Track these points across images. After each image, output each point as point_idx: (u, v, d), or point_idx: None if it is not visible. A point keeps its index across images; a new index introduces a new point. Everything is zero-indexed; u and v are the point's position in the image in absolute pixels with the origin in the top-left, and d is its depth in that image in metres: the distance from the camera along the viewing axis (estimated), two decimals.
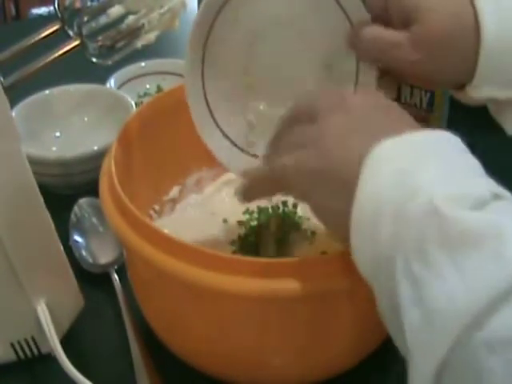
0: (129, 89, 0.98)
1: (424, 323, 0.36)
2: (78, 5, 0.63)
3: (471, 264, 0.35)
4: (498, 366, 0.32)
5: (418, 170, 0.40)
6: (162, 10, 0.65)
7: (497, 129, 0.97)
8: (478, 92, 0.54)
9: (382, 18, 0.54)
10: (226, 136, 0.62)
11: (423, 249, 0.37)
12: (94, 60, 0.64)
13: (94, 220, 0.77)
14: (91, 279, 0.72)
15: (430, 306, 0.35)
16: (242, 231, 0.70)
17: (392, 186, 0.40)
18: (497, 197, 0.38)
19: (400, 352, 0.39)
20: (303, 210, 0.70)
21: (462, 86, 0.55)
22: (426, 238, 0.37)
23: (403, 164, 0.40)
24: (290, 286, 0.49)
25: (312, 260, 0.51)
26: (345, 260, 0.49)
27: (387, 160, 0.41)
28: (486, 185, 0.39)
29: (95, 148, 0.80)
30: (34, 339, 0.63)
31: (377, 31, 0.53)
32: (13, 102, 0.74)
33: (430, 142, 0.43)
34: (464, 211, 0.36)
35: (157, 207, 0.73)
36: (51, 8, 0.68)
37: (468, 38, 0.51)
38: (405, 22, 0.52)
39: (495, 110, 0.60)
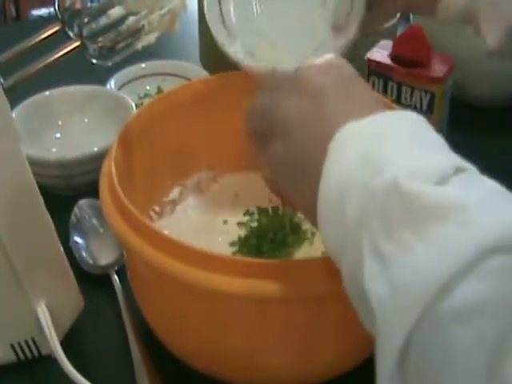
0: (129, 90, 0.98)
1: (391, 297, 0.36)
2: (78, 6, 0.63)
3: (436, 236, 0.35)
4: (464, 336, 0.32)
5: (381, 149, 0.40)
6: (162, 12, 0.65)
7: (497, 130, 0.98)
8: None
9: None
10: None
11: (388, 225, 0.37)
12: (95, 61, 0.64)
13: (94, 221, 0.77)
14: (91, 280, 0.72)
15: (397, 280, 0.35)
16: (242, 232, 0.70)
17: (356, 167, 0.40)
18: (459, 170, 0.38)
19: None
20: None
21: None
22: (391, 215, 0.37)
23: (367, 145, 0.41)
24: (289, 287, 0.49)
25: (312, 261, 0.51)
26: None
27: (351, 142, 0.42)
28: (449, 159, 0.39)
29: (95, 149, 0.80)
30: (34, 340, 0.63)
31: None
32: (13, 103, 0.74)
33: (393, 121, 0.43)
34: (427, 186, 0.37)
35: (157, 208, 0.73)
36: (51, 9, 0.68)
37: None
38: None
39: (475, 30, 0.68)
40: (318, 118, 0.45)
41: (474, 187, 0.37)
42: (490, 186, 0.38)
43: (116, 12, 0.64)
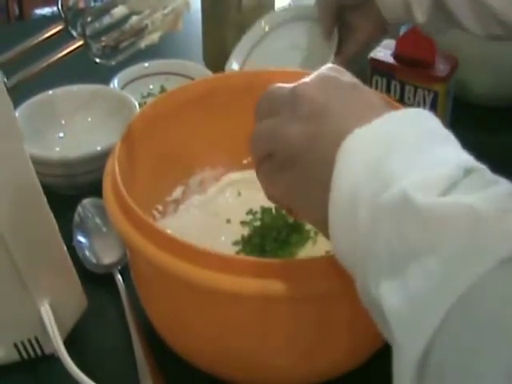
0: (132, 89, 0.98)
1: (407, 309, 0.35)
2: (81, 5, 0.63)
3: (450, 249, 0.35)
4: (483, 354, 0.32)
5: (388, 158, 0.40)
6: (165, 11, 0.65)
7: (498, 129, 0.98)
8: None
9: None
10: None
11: (401, 237, 0.37)
12: (98, 60, 0.64)
13: (98, 220, 0.77)
14: (95, 279, 0.72)
15: (412, 292, 0.35)
16: (246, 232, 0.70)
17: (365, 178, 0.40)
18: (468, 172, 0.38)
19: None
20: None
21: None
22: (403, 228, 0.37)
23: (373, 154, 0.40)
24: (293, 286, 0.49)
25: (315, 260, 0.51)
26: None
27: (357, 150, 0.41)
28: (459, 160, 0.39)
29: (99, 148, 0.80)
30: (37, 339, 0.63)
31: None
32: (16, 103, 0.74)
33: (398, 123, 0.42)
34: (435, 198, 0.36)
35: (160, 207, 0.73)
36: (54, 8, 0.68)
37: None
38: None
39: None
40: (323, 138, 0.44)
41: (484, 191, 0.37)
42: (501, 187, 0.37)
43: (119, 11, 0.64)
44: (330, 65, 0.50)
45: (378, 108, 0.45)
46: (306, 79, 0.48)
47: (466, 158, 0.40)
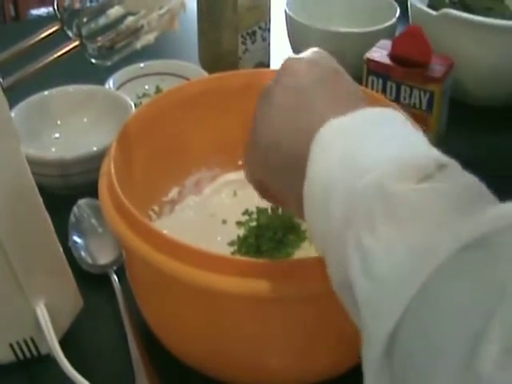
0: (128, 89, 0.98)
1: (374, 294, 0.36)
2: (77, 5, 0.63)
3: (417, 233, 0.36)
4: (443, 334, 0.33)
5: (364, 147, 0.41)
6: (161, 11, 0.65)
7: (496, 130, 0.98)
8: None
9: None
10: None
11: (372, 224, 0.37)
12: (94, 61, 0.64)
13: (93, 221, 0.77)
14: (90, 280, 0.72)
15: (380, 277, 0.36)
16: (241, 232, 0.70)
17: (340, 166, 0.41)
18: (442, 166, 0.39)
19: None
20: None
21: None
22: (375, 215, 0.37)
23: (349, 143, 0.42)
24: (289, 286, 0.49)
25: (311, 261, 0.51)
26: None
27: (334, 140, 0.42)
28: (431, 156, 0.40)
29: (94, 149, 0.80)
30: (32, 340, 0.63)
31: None
32: (12, 103, 0.74)
33: (375, 118, 0.44)
34: (408, 185, 0.37)
35: (156, 208, 0.73)
36: (50, 9, 0.68)
37: None
38: None
39: None
40: (301, 117, 0.46)
41: (457, 184, 0.38)
42: (472, 182, 0.39)
43: (115, 12, 0.64)
44: (316, 49, 0.51)
45: (354, 100, 0.47)
46: (296, 57, 0.50)
47: (438, 154, 0.41)
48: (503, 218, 0.35)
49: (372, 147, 0.41)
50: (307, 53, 0.50)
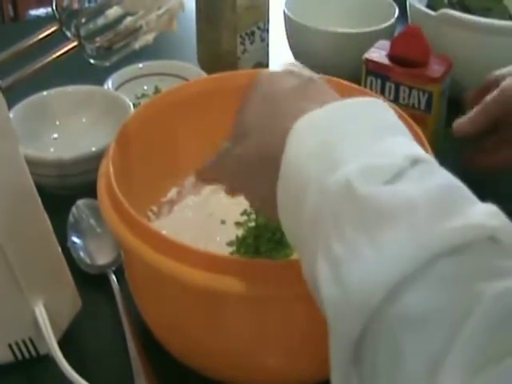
0: (126, 90, 0.98)
1: (341, 299, 0.36)
2: (75, 6, 0.63)
3: (386, 240, 0.35)
4: (408, 343, 0.32)
5: (337, 141, 0.40)
6: (159, 12, 0.65)
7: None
8: None
9: None
10: None
11: (340, 228, 0.37)
12: (92, 61, 0.64)
13: (92, 221, 0.77)
14: (89, 280, 0.72)
15: (346, 284, 0.35)
16: (240, 232, 0.70)
17: (313, 159, 0.40)
18: (415, 162, 0.38)
19: None
20: None
21: None
22: (343, 217, 0.37)
23: (324, 135, 0.41)
24: (288, 287, 0.49)
25: None
26: None
27: (306, 134, 0.42)
28: (405, 150, 0.39)
29: (93, 149, 0.80)
30: (31, 340, 0.63)
31: None
32: (11, 104, 0.74)
33: (351, 110, 0.43)
34: (377, 187, 0.37)
35: (155, 208, 0.73)
36: (49, 9, 0.68)
37: None
38: None
39: None
40: (276, 117, 0.46)
41: (427, 182, 0.37)
42: (444, 180, 0.38)
43: (114, 12, 0.64)
44: (292, 62, 0.53)
45: (331, 98, 0.46)
46: (271, 70, 0.52)
47: (413, 148, 0.40)
48: (473, 229, 0.34)
49: (345, 140, 0.40)
50: (283, 66, 0.51)
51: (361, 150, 0.39)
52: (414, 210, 0.35)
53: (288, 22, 1.06)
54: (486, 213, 0.35)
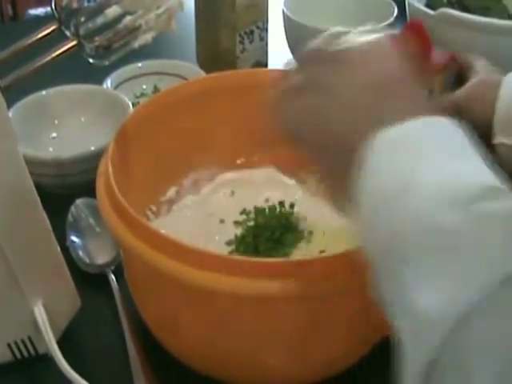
0: (126, 89, 0.98)
1: (412, 326, 0.36)
2: (74, 5, 0.63)
3: (455, 267, 0.35)
4: (484, 369, 0.33)
5: (414, 163, 0.40)
6: (159, 11, 0.65)
7: None
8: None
9: None
10: None
11: (411, 251, 0.37)
12: (91, 60, 0.64)
13: (91, 220, 0.77)
14: (88, 279, 0.72)
15: (417, 309, 0.36)
16: (239, 232, 0.70)
17: (389, 177, 0.40)
18: (488, 190, 0.38)
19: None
20: (300, 210, 0.70)
21: None
22: (414, 241, 0.37)
23: (402, 156, 0.41)
24: (287, 286, 0.49)
25: (309, 260, 0.52)
26: (342, 260, 0.49)
27: (388, 149, 0.41)
28: (478, 177, 0.39)
29: (92, 148, 0.80)
30: (30, 339, 0.63)
31: None
32: (10, 103, 0.74)
33: (430, 132, 0.42)
34: (450, 214, 0.36)
35: (154, 208, 0.73)
36: (48, 8, 0.68)
37: None
38: None
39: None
40: (364, 105, 0.45)
41: (498, 217, 0.37)
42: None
43: (113, 11, 0.64)
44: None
45: (410, 106, 0.44)
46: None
47: (487, 175, 0.39)
48: None
49: (423, 163, 0.40)
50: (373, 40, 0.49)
51: (436, 177, 0.39)
52: (482, 239, 0.35)
53: (287, 21, 1.06)
54: None
